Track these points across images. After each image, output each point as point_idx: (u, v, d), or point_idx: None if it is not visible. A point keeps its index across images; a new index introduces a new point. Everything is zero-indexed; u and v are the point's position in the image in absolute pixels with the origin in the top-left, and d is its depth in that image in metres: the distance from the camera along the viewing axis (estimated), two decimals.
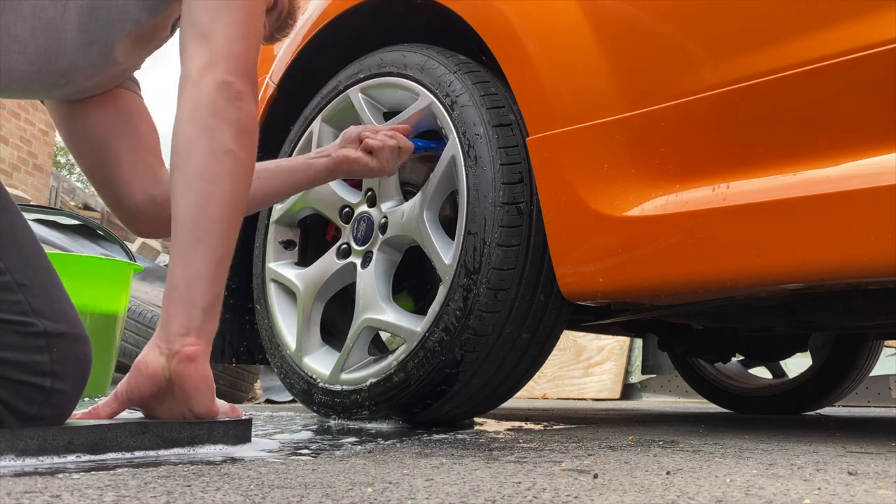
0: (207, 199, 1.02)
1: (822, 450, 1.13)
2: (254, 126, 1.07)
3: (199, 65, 1.04)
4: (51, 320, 0.92)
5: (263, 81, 1.91)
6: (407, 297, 1.69)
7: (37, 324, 0.91)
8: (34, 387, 0.90)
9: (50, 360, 0.91)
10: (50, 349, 0.91)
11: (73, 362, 0.94)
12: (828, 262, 1.04)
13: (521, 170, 1.36)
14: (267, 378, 3.62)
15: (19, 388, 0.89)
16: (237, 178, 1.04)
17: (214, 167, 1.03)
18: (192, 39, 1.06)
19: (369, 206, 1.57)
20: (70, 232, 3.35)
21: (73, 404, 0.95)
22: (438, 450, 1.07)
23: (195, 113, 1.03)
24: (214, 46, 1.04)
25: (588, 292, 1.28)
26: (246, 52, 1.07)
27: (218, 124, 1.03)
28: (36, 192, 7.71)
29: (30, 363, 0.90)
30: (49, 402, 0.91)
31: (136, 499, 0.64)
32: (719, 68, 1.14)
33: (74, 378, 0.94)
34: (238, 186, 1.05)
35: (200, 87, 1.03)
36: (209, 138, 1.02)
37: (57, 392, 0.92)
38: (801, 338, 2.49)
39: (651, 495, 0.69)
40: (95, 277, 2.02)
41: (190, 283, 1.00)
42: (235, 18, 1.06)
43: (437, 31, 1.63)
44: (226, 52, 1.05)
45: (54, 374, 0.91)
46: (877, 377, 3.63)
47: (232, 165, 1.03)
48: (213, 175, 1.03)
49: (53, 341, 0.92)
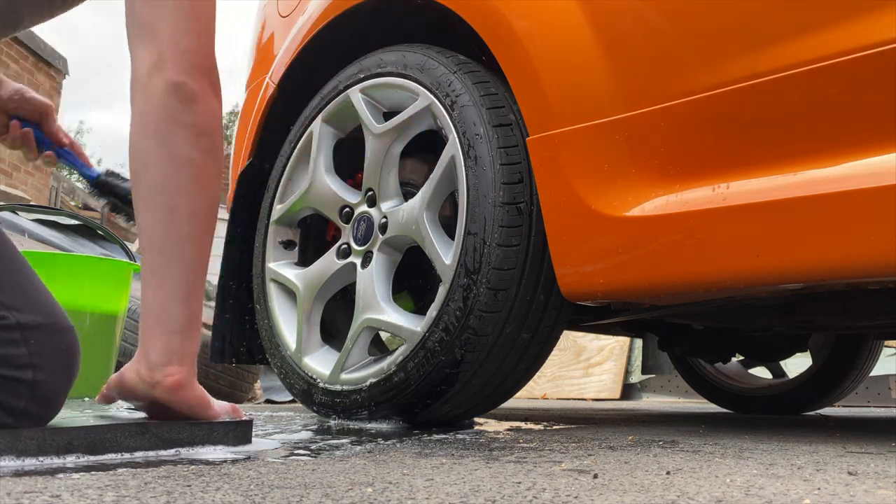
0: (172, 214, 0.95)
1: (822, 450, 1.13)
2: (214, 127, 0.98)
3: (147, 65, 0.96)
4: (24, 312, 0.90)
5: (263, 81, 1.91)
6: (407, 297, 1.69)
7: (8, 317, 0.89)
8: (16, 381, 0.88)
9: (27, 352, 0.89)
10: (26, 341, 0.89)
11: (52, 353, 0.91)
12: (828, 262, 1.04)
13: (521, 170, 1.36)
14: (267, 378, 3.62)
15: (3, 384, 0.87)
16: (202, 187, 0.97)
17: (175, 179, 0.95)
18: (136, 36, 0.97)
19: (369, 206, 1.57)
20: (70, 232, 3.35)
21: (62, 396, 0.94)
22: (438, 450, 1.07)
23: (146, 120, 0.96)
24: (161, 43, 0.95)
25: (588, 292, 1.28)
26: (197, 46, 0.97)
27: (172, 131, 0.95)
28: (36, 192, 7.71)
29: (6, 357, 0.88)
30: (35, 395, 0.89)
31: (136, 499, 0.64)
32: (719, 68, 1.14)
33: (57, 368, 0.92)
34: (204, 195, 0.97)
35: (150, 91, 0.95)
36: (165, 147, 0.95)
37: (40, 384, 0.90)
38: (801, 338, 2.49)
39: (651, 495, 0.69)
40: (95, 277, 2.02)
41: (164, 306, 0.95)
42: (184, 10, 0.96)
43: (437, 31, 1.63)
44: (174, 48, 0.95)
45: (34, 365, 0.89)
46: (877, 377, 3.64)
47: (194, 174, 0.96)
48: (174, 187, 0.95)
49: (29, 333, 0.90)
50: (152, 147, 0.95)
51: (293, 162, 1.74)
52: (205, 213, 0.97)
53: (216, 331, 1.89)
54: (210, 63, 0.99)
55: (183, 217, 0.95)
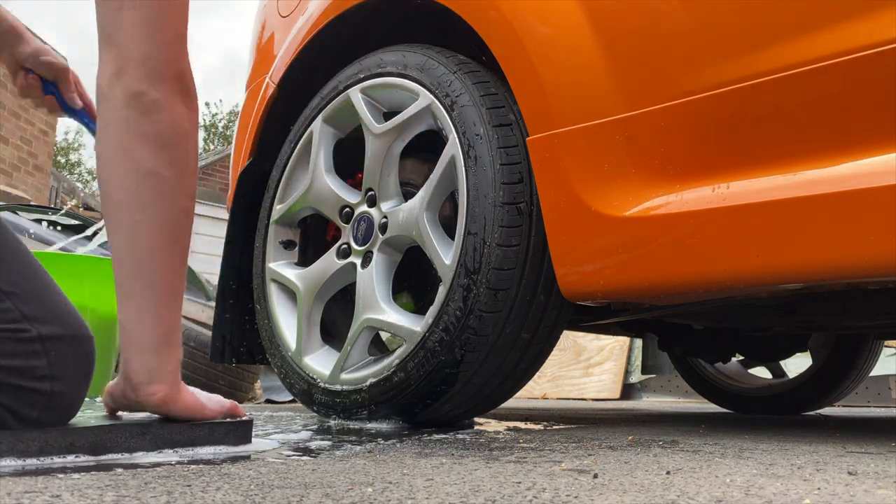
0: (137, 228, 0.92)
1: (822, 450, 1.13)
2: (178, 137, 0.95)
3: (107, 75, 0.93)
4: (45, 324, 0.91)
5: (263, 81, 1.91)
6: (407, 297, 1.69)
7: (30, 329, 0.90)
8: (34, 391, 0.90)
9: (48, 363, 0.90)
10: (47, 353, 0.90)
11: (72, 364, 0.93)
12: (828, 262, 1.04)
13: (521, 170, 1.36)
14: (267, 378, 3.62)
15: (19, 393, 0.89)
16: (167, 200, 0.93)
17: (136, 194, 0.92)
18: (100, 44, 0.94)
19: (369, 206, 1.57)
20: (70, 232, 3.36)
21: (77, 405, 0.95)
22: (438, 450, 1.07)
23: (108, 131, 0.93)
24: (121, 51, 0.92)
25: (588, 292, 1.28)
26: (159, 52, 0.93)
27: (134, 143, 0.92)
28: (36, 192, 7.71)
29: (27, 368, 0.89)
30: (50, 406, 0.91)
31: (136, 499, 0.64)
32: (719, 68, 1.14)
33: (75, 379, 0.93)
34: (170, 208, 0.94)
35: (110, 101, 0.93)
36: (126, 160, 0.92)
37: (57, 395, 0.91)
38: (801, 338, 2.49)
39: (651, 495, 0.69)
40: (95, 277, 2.02)
41: (138, 323, 0.93)
42: (143, 15, 0.92)
43: (437, 31, 1.63)
44: (135, 56, 0.92)
45: (52, 377, 0.90)
46: (877, 377, 3.63)
47: (157, 187, 0.93)
48: (136, 204, 0.92)
49: (49, 345, 0.91)
50: (114, 159, 0.93)
51: (293, 162, 1.74)
52: (171, 222, 0.94)
53: (216, 331, 1.89)
54: (177, 69, 0.95)
55: (148, 231, 0.92)
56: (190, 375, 3.03)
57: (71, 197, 9.83)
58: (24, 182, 7.51)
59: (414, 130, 1.53)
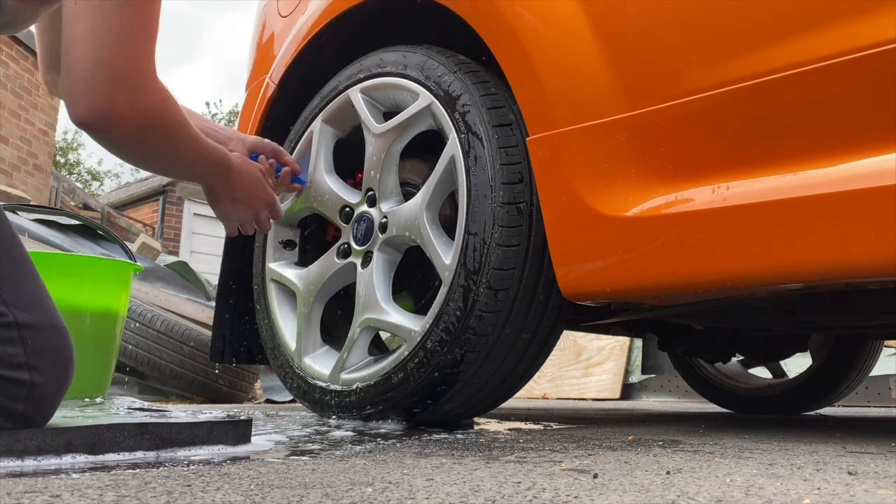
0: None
1: (822, 450, 1.13)
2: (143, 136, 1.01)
3: (66, 97, 0.97)
4: (24, 311, 0.89)
5: (264, 81, 1.91)
6: (407, 297, 1.69)
7: (7, 314, 0.88)
8: (13, 381, 0.88)
9: (24, 352, 0.88)
10: (23, 341, 0.88)
11: (49, 354, 0.91)
12: (828, 262, 1.04)
13: (521, 170, 1.36)
14: (267, 378, 3.62)
15: (0, 386, 0.87)
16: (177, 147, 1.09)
17: None
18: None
19: (369, 206, 1.57)
20: (70, 232, 3.35)
21: (58, 399, 0.93)
22: (438, 450, 1.06)
23: None
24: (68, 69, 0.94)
25: (588, 292, 1.28)
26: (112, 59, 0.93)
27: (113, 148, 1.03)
28: (36, 192, 7.71)
29: (3, 355, 0.87)
30: (32, 398, 0.89)
31: (136, 499, 0.64)
32: (719, 68, 1.14)
33: (53, 371, 0.91)
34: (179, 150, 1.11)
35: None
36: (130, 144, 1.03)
37: (38, 385, 0.89)
38: (801, 338, 2.49)
39: (651, 495, 0.69)
40: (95, 277, 2.02)
41: None
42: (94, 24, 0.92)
43: (437, 31, 1.63)
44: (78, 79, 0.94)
45: (31, 366, 0.89)
46: (877, 377, 3.63)
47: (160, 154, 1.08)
48: None
49: (26, 332, 0.89)
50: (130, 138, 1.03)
51: None
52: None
53: (216, 331, 1.89)
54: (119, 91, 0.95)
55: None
56: (190, 375, 3.03)
57: (71, 197, 9.83)
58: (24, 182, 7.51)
59: (414, 130, 1.53)
